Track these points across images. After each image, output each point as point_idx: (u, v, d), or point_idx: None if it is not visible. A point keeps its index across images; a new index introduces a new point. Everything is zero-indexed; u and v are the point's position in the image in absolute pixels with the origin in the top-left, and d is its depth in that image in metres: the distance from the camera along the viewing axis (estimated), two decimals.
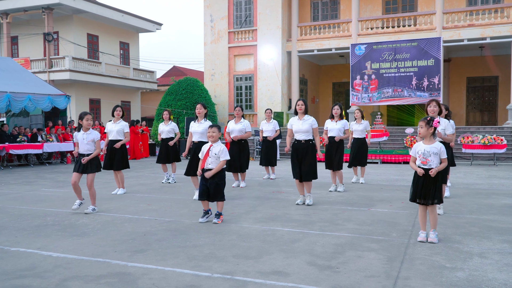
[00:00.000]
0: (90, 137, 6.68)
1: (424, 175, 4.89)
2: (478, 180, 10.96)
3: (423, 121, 4.95)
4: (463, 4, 21.97)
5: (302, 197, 7.46)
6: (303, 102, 7.24)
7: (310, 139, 7.18)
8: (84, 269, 4.11)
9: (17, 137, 15.70)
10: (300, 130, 7.18)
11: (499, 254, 4.45)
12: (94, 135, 6.72)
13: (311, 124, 7.17)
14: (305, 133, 7.15)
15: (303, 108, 7.21)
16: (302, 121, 7.19)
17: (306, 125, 7.15)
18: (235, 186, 9.72)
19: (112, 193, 8.78)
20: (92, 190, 6.84)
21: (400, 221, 6.04)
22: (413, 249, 4.67)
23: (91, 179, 6.77)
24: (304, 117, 7.21)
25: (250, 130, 9.62)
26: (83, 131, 6.71)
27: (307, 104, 7.37)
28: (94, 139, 6.71)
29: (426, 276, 3.82)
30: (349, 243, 4.91)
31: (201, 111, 7.82)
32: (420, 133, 4.97)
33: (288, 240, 5.06)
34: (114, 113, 8.76)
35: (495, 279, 3.75)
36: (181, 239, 5.14)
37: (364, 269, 4.02)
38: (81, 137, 6.68)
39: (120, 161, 8.73)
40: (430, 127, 4.94)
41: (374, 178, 11.42)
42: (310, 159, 7.11)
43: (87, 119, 6.70)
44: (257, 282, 3.72)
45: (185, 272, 3.99)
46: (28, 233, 5.52)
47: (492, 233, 5.33)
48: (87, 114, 6.71)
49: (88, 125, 6.72)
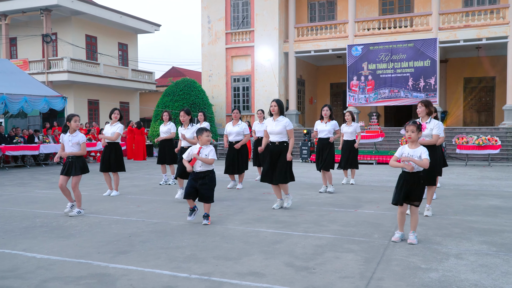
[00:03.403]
0: (76, 139, 6.69)
1: (406, 179, 4.94)
2: (470, 181, 11.02)
3: (414, 125, 4.94)
4: (459, 5, 22.02)
5: (279, 201, 7.24)
6: (276, 103, 6.95)
7: (284, 141, 7.00)
8: (66, 270, 4.18)
9: (14, 138, 15.80)
10: (273, 132, 6.97)
11: (476, 255, 4.52)
12: (80, 138, 6.73)
13: (284, 125, 6.94)
14: (278, 134, 6.94)
15: (276, 109, 6.95)
16: (276, 122, 6.98)
17: (279, 126, 6.93)
18: (230, 187, 9.75)
19: (103, 195, 8.85)
20: (77, 192, 6.81)
21: (384, 223, 6.11)
22: (392, 250, 4.74)
23: (76, 181, 6.75)
24: (278, 118, 6.97)
25: (248, 132, 9.72)
26: (69, 133, 6.72)
27: (283, 105, 7.09)
28: (79, 142, 6.71)
29: (399, 277, 3.89)
30: (330, 244, 4.97)
31: (184, 119, 7.90)
32: (411, 137, 4.96)
33: (270, 242, 5.12)
34: (111, 116, 8.85)
35: (466, 279, 3.81)
36: (165, 241, 5.21)
37: (340, 270, 4.09)
38: (67, 139, 6.69)
39: (116, 163, 8.80)
40: (420, 132, 4.99)
41: (366, 179, 11.49)
42: (283, 162, 6.94)
43: (75, 120, 6.71)
44: (233, 283, 3.79)
45: (163, 273, 4.06)
46: (15, 235, 5.59)
47: (473, 234, 5.39)
48: (74, 116, 6.73)
49: (76, 126, 6.74)
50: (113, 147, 8.83)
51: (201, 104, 22.49)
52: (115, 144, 8.91)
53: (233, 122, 9.78)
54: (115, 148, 8.85)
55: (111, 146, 8.83)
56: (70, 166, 6.69)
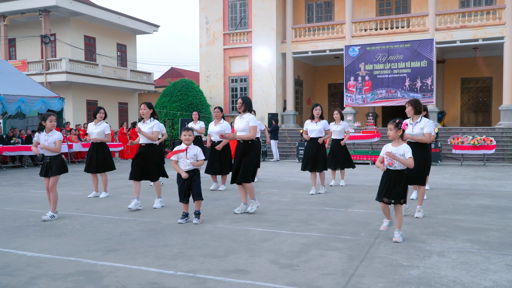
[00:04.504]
0: (52, 138, 6.57)
1: (389, 176, 5.05)
2: (463, 181, 11.10)
3: (392, 123, 5.09)
4: (455, 5, 22.10)
5: (243, 205, 6.92)
6: (241, 100, 6.85)
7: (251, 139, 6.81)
8: (55, 268, 4.26)
9: (11, 139, 15.90)
10: (238, 129, 6.84)
11: (458, 253, 4.60)
12: (56, 137, 6.60)
13: (247, 122, 6.78)
14: (242, 132, 6.79)
15: (242, 107, 6.85)
16: (241, 119, 6.86)
17: (243, 123, 6.79)
18: (213, 188, 9.58)
19: (88, 197, 8.68)
20: (54, 194, 6.63)
21: (372, 221, 6.19)
22: (377, 248, 4.82)
23: (54, 182, 6.61)
24: (244, 115, 6.85)
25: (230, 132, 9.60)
26: (45, 132, 6.62)
27: (249, 102, 6.93)
28: (55, 141, 6.59)
29: (380, 274, 3.97)
30: (316, 243, 5.05)
31: (144, 112, 7.34)
32: (390, 135, 5.12)
33: (258, 240, 5.21)
34: (97, 115, 8.67)
35: (446, 276, 3.89)
36: (154, 239, 5.30)
37: (323, 267, 4.17)
38: (43, 138, 6.59)
39: (105, 163, 8.63)
40: (399, 130, 5.09)
41: (360, 179, 11.57)
42: (248, 160, 6.74)
43: (51, 120, 6.59)
44: (217, 280, 3.88)
45: (150, 270, 4.14)
46: (8, 233, 5.68)
47: (458, 233, 5.47)
48: (50, 115, 6.62)
49: (52, 126, 6.62)
50: (100, 147, 8.60)
51: (199, 104, 22.60)
52: (102, 143, 8.63)
53: (215, 122, 9.62)
54: (102, 147, 8.63)
55: (97, 146, 8.57)
56: (48, 166, 6.60)
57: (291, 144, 21.09)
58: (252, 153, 6.79)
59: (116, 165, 9.50)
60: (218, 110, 9.67)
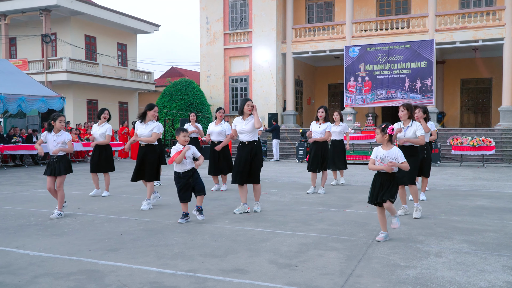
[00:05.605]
0: (61, 139, 6.63)
1: (382, 180, 5.12)
2: (462, 182, 11.15)
3: (378, 128, 5.21)
4: (455, 6, 22.15)
5: (242, 206, 7.02)
6: (251, 103, 6.98)
7: (255, 140, 6.96)
8: (57, 267, 4.32)
9: (12, 138, 15.96)
10: (244, 131, 6.94)
11: (455, 254, 4.65)
12: (65, 137, 6.66)
13: (254, 124, 6.87)
14: (249, 133, 6.90)
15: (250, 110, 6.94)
16: (246, 121, 6.94)
17: (249, 125, 6.89)
18: (214, 189, 9.63)
19: (90, 195, 8.86)
20: (61, 193, 6.72)
21: (371, 222, 6.24)
22: (374, 248, 4.88)
23: (61, 182, 6.69)
24: (249, 117, 6.95)
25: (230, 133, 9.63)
26: (54, 132, 6.67)
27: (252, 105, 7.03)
28: (64, 141, 6.65)
29: (377, 274, 4.03)
30: (315, 243, 5.11)
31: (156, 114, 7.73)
32: (377, 139, 5.25)
33: (257, 240, 5.26)
34: (101, 116, 8.91)
35: (442, 276, 3.95)
36: (155, 239, 5.35)
37: (322, 267, 4.23)
38: (52, 138, 6.63)
39: (106, 163, 8.88)
40: (385, 134, 5.17)
41: (359, 179, 11.62)
42: (258, 161, 6.91)
43: (61, 120, 6.66)
44: (217, 279, 3.93)
45: (151, 270, 4.20)
46: (10, 233, 5.74)
47: (455, 234, 5.53)
48: (60, 116, 6.69)
49: (61, 126, 6.68)
50: (103, 147, 8.89)
51: (199, 104, 22.65)
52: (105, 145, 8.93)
53: (216, 122, 9.71)
54: (105, 148, 8.90)
55: (100, 147, 8.88)
56: (55, 166, 6.66)
57: (291, 144, 21.14)
58: (260, 155, 7.00)
59: (116, 164, 9.61)
60: (222, 111, 9.80)
